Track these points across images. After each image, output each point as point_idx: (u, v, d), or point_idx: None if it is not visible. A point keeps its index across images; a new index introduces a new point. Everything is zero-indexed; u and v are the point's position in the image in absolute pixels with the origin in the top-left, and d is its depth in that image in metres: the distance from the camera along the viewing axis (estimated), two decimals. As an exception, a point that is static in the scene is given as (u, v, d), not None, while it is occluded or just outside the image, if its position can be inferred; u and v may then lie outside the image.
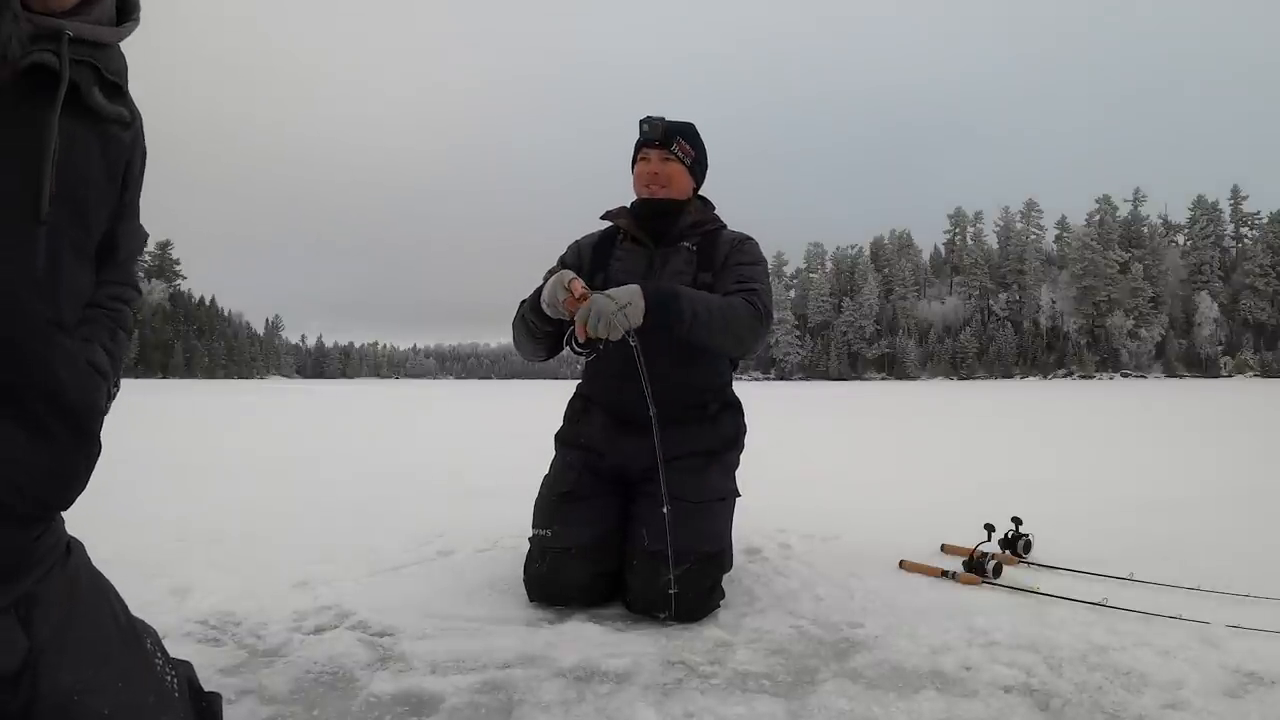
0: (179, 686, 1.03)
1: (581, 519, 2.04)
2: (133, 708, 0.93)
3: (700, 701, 1.46)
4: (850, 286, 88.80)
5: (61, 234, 0.85)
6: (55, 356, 0.85)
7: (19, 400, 0.82)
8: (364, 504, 3.59)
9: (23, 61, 0.79)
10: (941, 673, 1.60)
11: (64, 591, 0.92)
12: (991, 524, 2.43)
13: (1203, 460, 5.75)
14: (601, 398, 2.21)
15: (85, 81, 0.86)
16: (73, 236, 0.87)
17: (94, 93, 0.87)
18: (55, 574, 0.92)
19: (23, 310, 0.81)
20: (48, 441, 0.85)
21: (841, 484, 4.39)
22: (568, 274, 1.91)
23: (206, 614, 1.92)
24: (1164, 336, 75.37)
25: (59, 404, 0.86)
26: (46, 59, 0.80)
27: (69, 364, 0.88)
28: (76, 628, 0.91)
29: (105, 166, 0.92)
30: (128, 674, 0.95)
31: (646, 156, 2.15)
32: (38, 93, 0.81)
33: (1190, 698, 1.46)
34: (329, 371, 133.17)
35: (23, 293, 0.82)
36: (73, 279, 0.88)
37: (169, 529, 2.88)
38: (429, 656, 1.67)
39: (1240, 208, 78.08)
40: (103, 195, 0.92)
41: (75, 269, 0.89)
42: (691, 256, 2.14)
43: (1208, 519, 3.23)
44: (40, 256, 0.83)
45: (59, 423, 0.86)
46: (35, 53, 0.80)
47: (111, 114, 0.91)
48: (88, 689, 0.89)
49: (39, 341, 0.83)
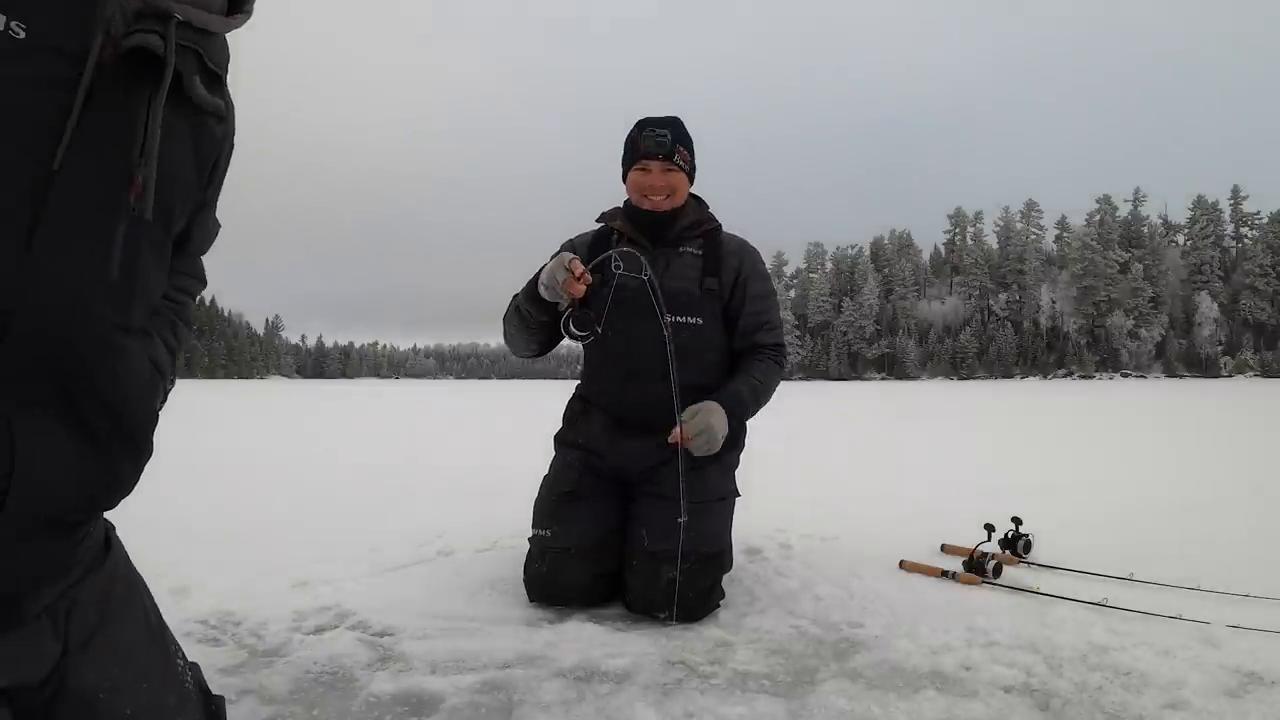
0: (193, 688, 1.02)
1: (581, 519, 2.04)
2: (155, 708, 0.92)
3: (700, 701, 1.46)
4: (850, 286, 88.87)
5: (143, 232, 0.77)
6: (119, 366, 0.79)
7: (76, 409, 0.76)
8: (364, 504, 3.59)
9: (126, 42, 0.72)
10: (941, 673, 1.60)
11: (101, 591, 0.90)
12: (991, 524, 2.43)
13: (1203, 460, 5.75)
14: (601, 399, 2.21)
15: (188, 70, 0.79)
16: (153, 235, 0.80)
17: (195, 82, 0.80)
18: (93, 575, 0.89)
19: (91, 314, 0.75)
20: (101, 451, 0.80)
21: (841, 484, 4.39)
22: (568, 255, 1.92)
23: (206, 614, 1.92)
24: (1164, 336, 75.45)
25: (117, 414, 0.81)
26: (151, 42, 0.73)
27: (132, 373, 0.82)
28: (108, 627, 0.89)
29: (196, 162, 0.85)
30: (152, 674, 0.94)
31: (647, 167, 2.10)
32: (139, 77, 0.74)
33: (1190, 698, 1.46)
34: (329, 371, 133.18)
35: (94, 295, 0.74)
36: (147, 281, 0.81)
37: (169, 529, 2.88)
38: (429, 656, 1.67)
39: (1240, 208, 78.13)
40: (189, 191, 0.86)
41: (151, 270, 0.82)
42: (696, 261, 2.14)
43: (1208, 519, 3.23)
44: (117, 256, 0.75)
45: (115, 432, 0.81)
46: (139, 33, 0.73)
47: (210, 106, 0.84)
48: (113, 688, 0.87)
49: (104, 349, 0.77)
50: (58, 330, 0.73)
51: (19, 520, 0.74)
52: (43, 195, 0.69)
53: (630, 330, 2.03)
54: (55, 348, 0.73)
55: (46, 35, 0.68)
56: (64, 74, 0.69)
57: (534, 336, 2.14)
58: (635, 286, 2.02)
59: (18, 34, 0.66)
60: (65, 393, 0.75)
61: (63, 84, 0.69)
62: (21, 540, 0.76)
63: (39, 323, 0.71)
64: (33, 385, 0.73)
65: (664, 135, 2.09)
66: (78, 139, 0.70)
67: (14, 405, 0.71)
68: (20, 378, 0.71)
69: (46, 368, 0.73)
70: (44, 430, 0.74)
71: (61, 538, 0.83)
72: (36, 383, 0.73)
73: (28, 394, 0.72)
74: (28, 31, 0.66)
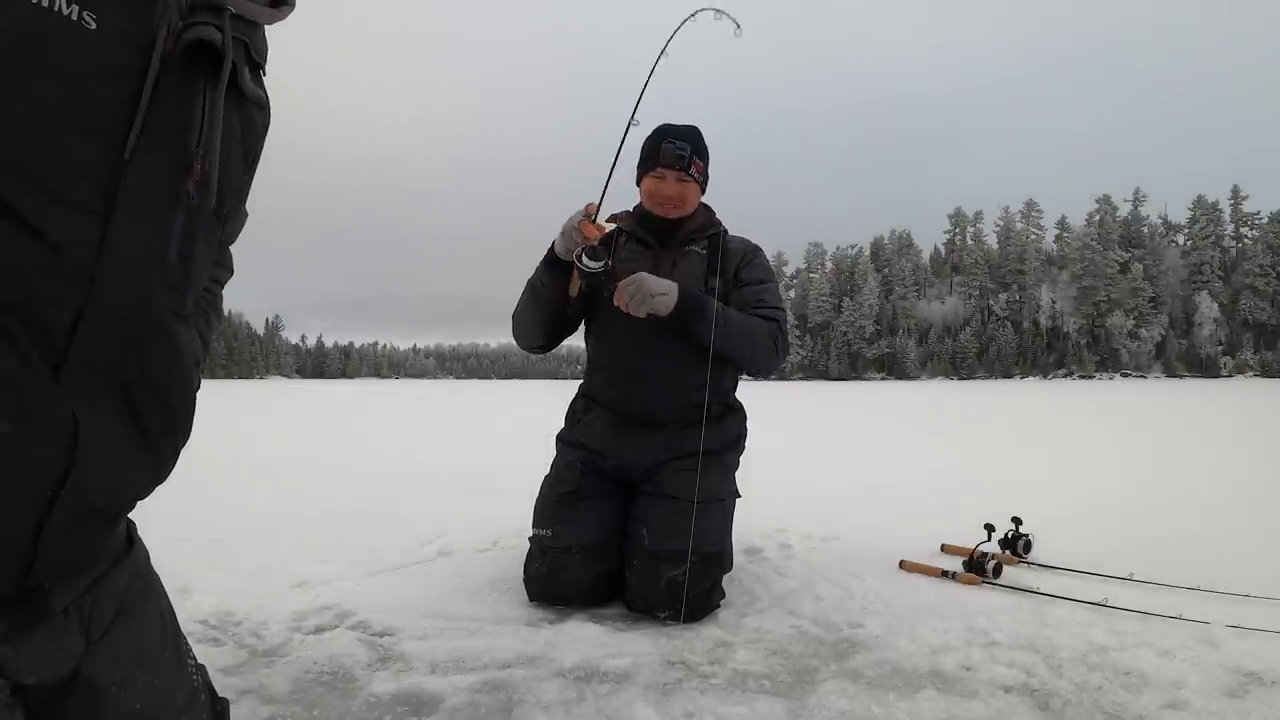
0: (202, 688, 1.02)
1: (582, 519, 2.04)
2: (163, 705, 0.92)
3: (700, 701, 1.46)
4: (850, 286, 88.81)
5: (199, 220, 0.79)
6: (174, 353, 0.80)
7: (132, 398, 0.77)
8: (364, 504, 3.59)
9: (186, 35, 0.73)
10: (941, 673, 1.60)
11: (121, 586, 0.90)
12: (991, 524, 2.43)
13: (1203, 461, 5.75)
14: (604, 395, 2.21)
15: (239, 61, 0.80)
16: (207, 223, 0.81)
17: (244, 73, 0.82)
18: (116, 569, 0.90)
19: (152, 300, 0.76)
20: (151, 441, 0.81)
21: (842, 484, 4.39)
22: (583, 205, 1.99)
23: (206, 614, 1.92)
24: (1164, 336, 75.38)
25: (168, 402, 0.81)
26: (211, 34, 0.74)
27: (182, 361, 0.82)
28: (125, 622, 0.89)
29: (243, 151, 0.86)
30: (163, 671, 0.94)
31: (663, 176, 2.13)
32: (197, 68, 0.75)
33: (1190, 698, 1.46)
34: (329, 372, 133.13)
35: (155, 280, 0.75)
36: (201, 269, 0.82)
37: (169, 528, 2.88)
38: (429, 656, 1.67)
39: (1240, 208, 78.05)
40: (237, 180, 0.87)
41: (204, 258, 0.83)
42: (702, 260, 2.17)
43: (1208, 519, 3.23)
44: (175, 244, 0.77)
45: (164, 421, 0.82)
46: (197, 25, 0.74)
47: (255, 96, 0.85)
48: (124, 683, 0.87)
49: (163, 336, 0.78)
50: (127, 317, 0.73)
51: (68, 510, 0.74)
52: (115, 185, 0.70)
53: (630, 326, 2.04)
54: (123, 334, 0.74)
55: (116, 25, 0.68)
56: (133, 63, 0.70)
57: (543, 314, 2.14)
58: None
59: (89, 24, 0.66)
60: (124, 382, 0.75)
61: (132, 73, 0.70)
62: (67, 531, 0.75)
63: (110, 311, 0.72)
64: (97, 375, 0.73)
65: (684, 149, 2.13)
66: (144, 129, 0.70)
67: (79, 396, 0.72)
68: (87, 367, 0.72)
69: (111, 357, 0.73)
70: (103, 420, 0.74)
71: (102, 529, 0.83)
72: (100, 372, 0.73)
73: (91, 385, 0.73)
74: (98, 22, 0.67)
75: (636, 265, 2.12)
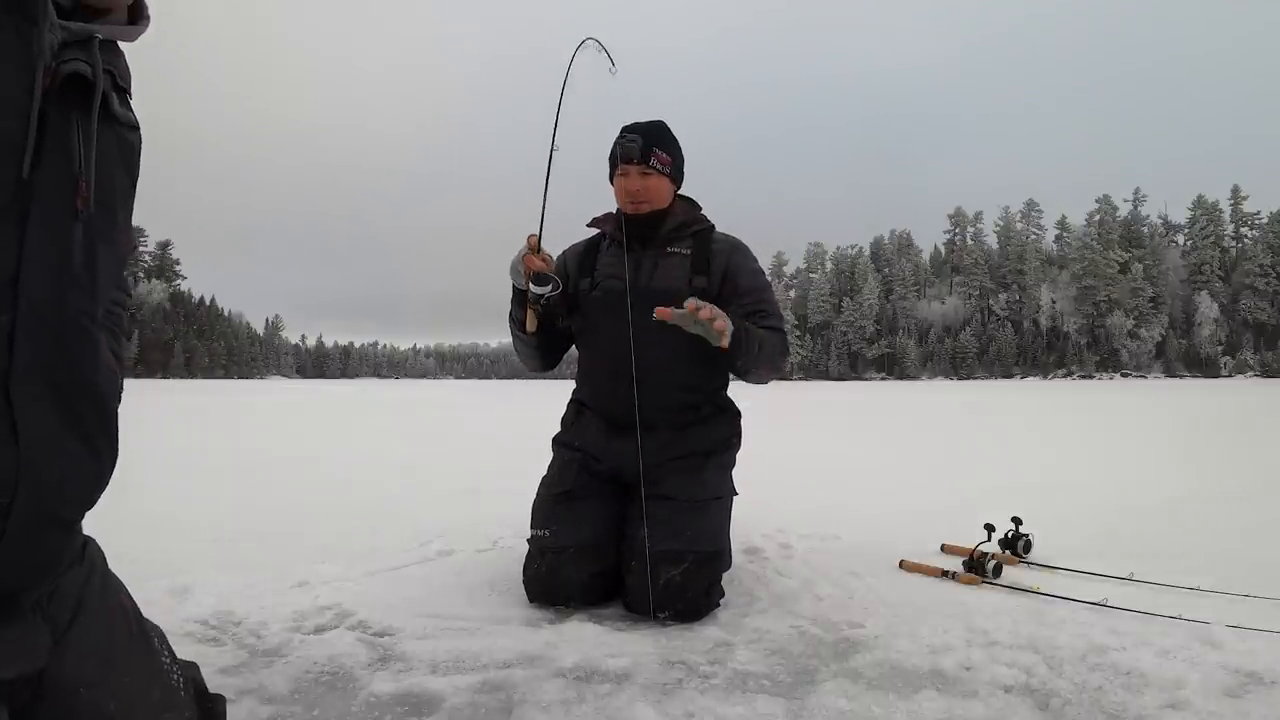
0: (184, 686, 1.03)
1: (580, 519, 2.05)
2: (137, 704, 0.94)
3: (700, 701, 1.46)
4: (850, 286, 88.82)
5: (94, 230, 0.87)
6: (95, 353, 0.88)
7: (68, 400, 0.84)
8: (364, 504, 3.59)
9: (62, 70, 0.83)
10: (941, 673, 1.60)
11: (78, 587, 0.94)
12: (991, 524, 2.43)
13: (1203, 460, 5.75)
14: (593, 401, 2.21)
15: (108, 89, 0.89)
16: (103, 233, 0.89)
17: (113, 98, 0.91)
18: (73, 568, 0.94)
19: (68, 303, 0.84)
20: (90, 444, 0.87)
21: (842, 484, 4.39)
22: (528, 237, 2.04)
23: (206, 614, 1.92)
24: (1164, 336, 75.38)
25: (100, 405, 0.88)
26: (81, 69, 0.84)
27: (104, 363, 0.89)
28: (87, 623, 0.92)
29: (125, 169, 0.95)
30: (134, 670, 0.96)
31: (626, 172, 2.13)
32: (73, 100, 0.84)
33: (1190, 698, 1.46)
34: (329, 372, 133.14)
35: (66, 284, 0.84)
36: (104, 275, 0.90)
37: (169, 528, 2.88)
38: (429, 656, 1.67)
39: (1240, 208, 78.07)
40: (126, 196, 0.95)
41: (109, 264, 0.91)
42: (685, 261, 2.15)
43: (1208, 519, 3.23)
44: (78, 251, 0.85)
45: (99, 424, 0.89)
46: (70, 61, 0.83)
47: (125, 119, 0.94)
48: (94, 684, 0.90)
49: (83, 338, 0.86)
50: (50, 320, 0.82)
51: (27, 519, 0.80)
52: (26, 202, 0.80)
53: (616, 332, 2.04)
54: (50, 337, 0.82)
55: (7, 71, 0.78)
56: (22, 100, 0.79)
57: (528, 344, 2.19)
58: (620, 289, 2.06)
59: None
60: (57, 383, 0.83)
61: (24, 108, 0.79)
62: (29, 538, 0.82)
63: (37, 316, 0.80)
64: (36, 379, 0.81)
65: (634, 140, 2.11)
66: (37, 153, 0.80)
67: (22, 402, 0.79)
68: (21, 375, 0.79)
69: (45, 359, 0.81)
70: (45, 426, 0.82)
71: (62, 534, 0.88)
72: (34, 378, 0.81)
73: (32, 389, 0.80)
74: None
75: (618, 270, 2.12)
